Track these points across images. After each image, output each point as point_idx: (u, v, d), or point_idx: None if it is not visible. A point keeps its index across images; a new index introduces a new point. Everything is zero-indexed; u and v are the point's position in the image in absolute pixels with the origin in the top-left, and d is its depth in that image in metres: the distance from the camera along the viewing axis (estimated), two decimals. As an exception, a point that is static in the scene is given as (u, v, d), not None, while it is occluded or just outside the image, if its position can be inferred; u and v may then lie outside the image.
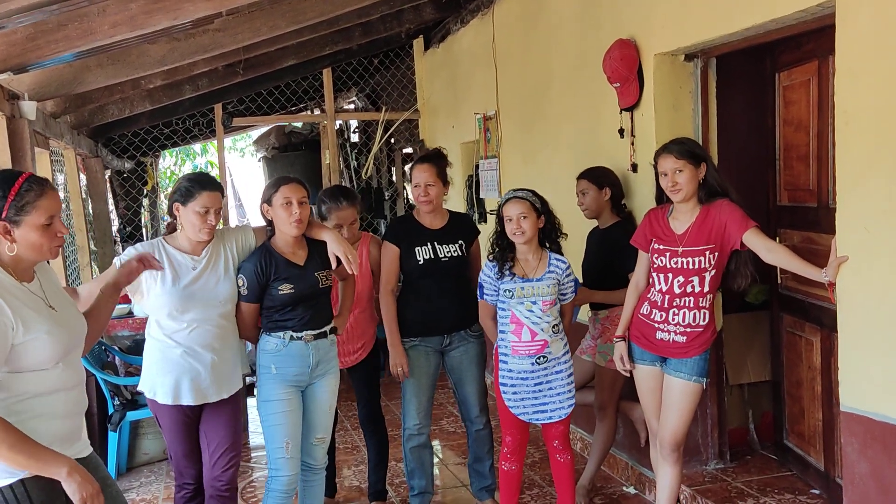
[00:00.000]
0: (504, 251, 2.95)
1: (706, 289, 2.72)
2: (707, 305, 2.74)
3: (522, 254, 2.96)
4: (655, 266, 2.79)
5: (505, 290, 2.94)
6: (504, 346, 2.99)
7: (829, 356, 3.06)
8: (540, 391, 2.97)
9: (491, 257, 2.99)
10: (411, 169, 3.31)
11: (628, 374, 2.95)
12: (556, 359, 2.96)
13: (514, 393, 2.98)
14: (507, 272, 2.93)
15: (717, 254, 2.69)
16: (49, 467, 1.82)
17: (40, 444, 1.82)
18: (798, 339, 3.37)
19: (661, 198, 2.86)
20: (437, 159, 3.27)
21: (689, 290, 2.72)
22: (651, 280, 2.83)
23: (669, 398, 2.81)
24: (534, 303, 2.92)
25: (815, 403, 3.25)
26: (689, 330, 2.74)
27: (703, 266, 2.70)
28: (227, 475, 2.76)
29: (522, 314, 2.92)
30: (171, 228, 2.79)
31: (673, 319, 2.76)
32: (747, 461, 3.63)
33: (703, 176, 2.71)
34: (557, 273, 2.96)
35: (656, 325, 2.80)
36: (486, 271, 3.00)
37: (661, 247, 2.77)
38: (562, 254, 3.02)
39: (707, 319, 2.75)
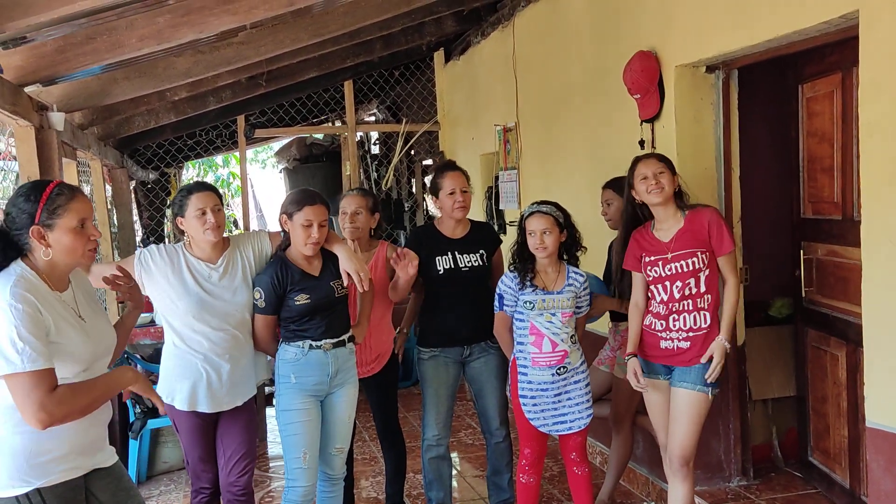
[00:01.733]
0: (525, 263, 2.95)
1: (703, 289, 2.75)
2: (706, 307, 2.76)
3: (542, 266, 2.96)
4: (651, 279, 2.83)
5: (526, 302, 2.93)
6: (523, 358, 2.98)
7: (855, 371, 3.01)
8: (559, 402, 2.96)
9: (512, 268, 2.99)
10: (439, 176, 3.28)
11: (643, 390, 2.93)
12: (574, 369, 2.96)
13: (535, 405, 2.97)
14: (529, 283, 2.93)
15: (708, 254, 2.75)
16: (115, 389, 2.01)
17: (93, 381, 1.95)
18: (823, 353, 3.32)
19: (636, 214, 2.90)
20: (461, 168, 3.30)
21: (687, 292, 2.75)
22: (651, 294, 2.85)
23: (675, 410, 2.80)
24: (553, 314, 2.92)
25: (840, 419, 3.20)
26: (692, 334, 2.75)
27: (697, 267, 2.74)
28: (242, 480, 2.79)
29: (542, 325, 2.92)
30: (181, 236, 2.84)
31: (674, 326, 2.77)
32: (771, 478, 3.57)
33: (677, 187, 2.81)
34: (576, 286, 2.97)
35: (658, 333, 2.81)
36: (507, 282, 2.99)
37: (653, 258, 2.81)
38: (578, 266, 3.02)
39: (708, 322, 2.75)
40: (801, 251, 3.38)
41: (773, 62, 3.16)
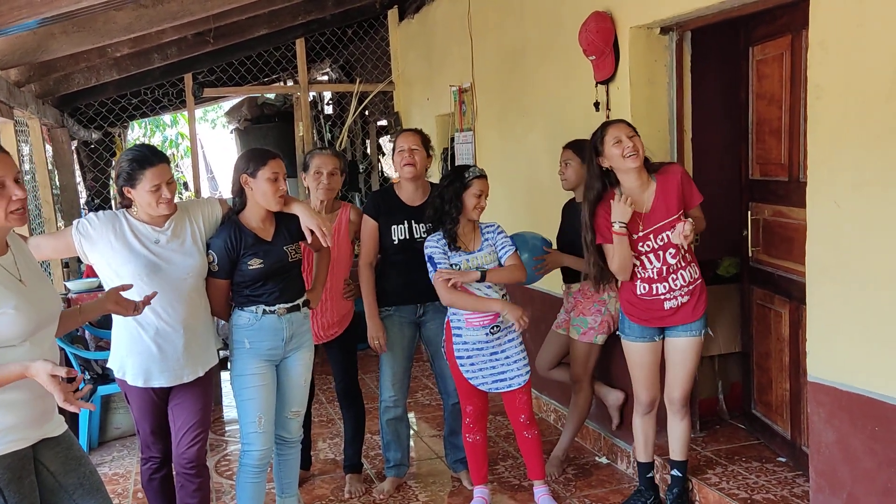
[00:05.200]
0: (455, 225, 2.97)
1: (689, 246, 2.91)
2: (693, 260, 2.93)
3: (462, 227, 3.00)
4: (642, 252, 2.87)
5: (453, 265, 2.98)
6: (457, 320, 3.03)
7: (797, 328, 3.12)
8: (497, 360, 3.03)
9: (447, 229, 2.97)
10: (395, 137, 3.30)
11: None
12: (507, 328, 3.03)
13: (472, 364, 3.03)
14: (453, 246, 2.97)
15: (684, 212, 2.86)
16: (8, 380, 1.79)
17: None
18: (767, 311, 3.43)
19: (604, 185, 2.88)
20: (421, 131, 3.31)
21: (680, 253, 2.86)
22: (641, 264, 2.88)
23: (676, 357, 2.94)
24: None
25: (782, 374, 3.32)
26: (690, 287, 2.89)
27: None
28: (190, 452, 2.70)
29: (472, 286, 2.96)
30: (128, 203, 2.64)
31: (675, 284, 2.88)
32: (716, 430, 3.71)
33: None
34: (490, 237, 3.04)
35: (662, 296, 2.89)
36: (433, 244, 3.00)
37: (642, 234, 2.84)
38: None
39: (698, 273, 2.93)
40: (749, 212, 3.46)
41: (726, 24, 3.18)
